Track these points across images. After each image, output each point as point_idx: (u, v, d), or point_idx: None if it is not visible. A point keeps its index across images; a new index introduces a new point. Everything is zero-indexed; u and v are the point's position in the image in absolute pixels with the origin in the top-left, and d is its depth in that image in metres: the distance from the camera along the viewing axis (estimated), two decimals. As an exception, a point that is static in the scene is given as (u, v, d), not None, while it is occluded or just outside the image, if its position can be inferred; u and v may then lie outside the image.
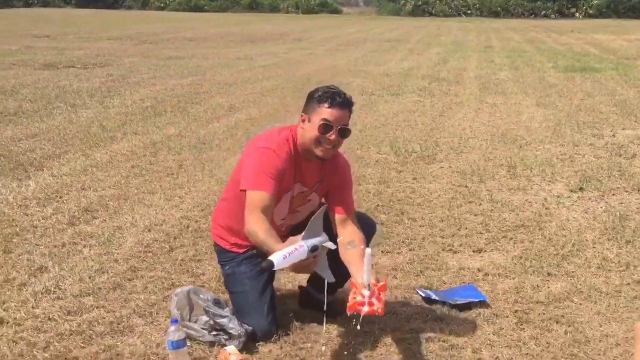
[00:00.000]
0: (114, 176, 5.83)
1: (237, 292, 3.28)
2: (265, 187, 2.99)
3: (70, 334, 3.11)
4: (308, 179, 3.22)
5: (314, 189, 3.27)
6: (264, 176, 3.01)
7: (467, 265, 4.11)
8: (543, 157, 6.83)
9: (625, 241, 4.53)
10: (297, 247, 2.66)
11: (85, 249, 4.17)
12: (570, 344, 3.16)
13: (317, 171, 3.24)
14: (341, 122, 3.07)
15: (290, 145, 3.14)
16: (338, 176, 3.30)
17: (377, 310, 2.70)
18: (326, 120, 3.03)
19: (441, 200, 5.40)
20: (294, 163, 3.13)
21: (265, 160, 3.05)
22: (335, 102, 3.05)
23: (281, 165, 3.05)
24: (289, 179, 3.12)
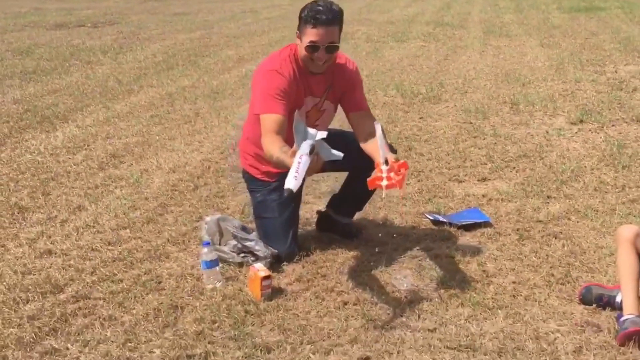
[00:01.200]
0: (135, 125, 6.13)
1: (267, 217, 3.52)
2: (275, 109, 3.17)
3: (113, 260, 3.44)
4: (316, 89, 3.38)
5: (325, 97, 3.42)
6: (272, 99, 3.18)
7: (472, 192, 4.40)
8: (545, 94, 7.05)
9: (622, 166, 4.79)
10: (298, 161, 2.69)
11: (117, 190, 4.49)
12: (567, 255, 3.46)
13: (324, 80, 3.38)
14: (328, 40, 3.18)
15: (292, 62, 3.30)
16: (346, 80, 3.44)
17: (395, 184, 2.81)
18: (312, 42, 3.17)
19: (447, 136, 5.66)
20: (300, 78, 3.30)
21: (271, 82, 3.22)
22: (319, 22, 3.14)
23: (287, 84, 3.22)
24: (299, 94, 3.30)
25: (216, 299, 3.04)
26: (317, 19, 3.15)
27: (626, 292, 2.78)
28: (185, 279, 3.25)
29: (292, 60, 3.31)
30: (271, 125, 3.15)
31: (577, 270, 3.30)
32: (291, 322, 2.87)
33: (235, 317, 2.89)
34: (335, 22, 3.20)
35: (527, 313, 2.92)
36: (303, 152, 2.74)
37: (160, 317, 2.90)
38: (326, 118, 3.53)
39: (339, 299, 3.07)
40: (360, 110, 3.46)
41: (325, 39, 3.19)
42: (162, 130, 5.96)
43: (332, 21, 3.18)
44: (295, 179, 2.65)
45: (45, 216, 4.06)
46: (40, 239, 3.72)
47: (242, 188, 4.45)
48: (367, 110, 3.50)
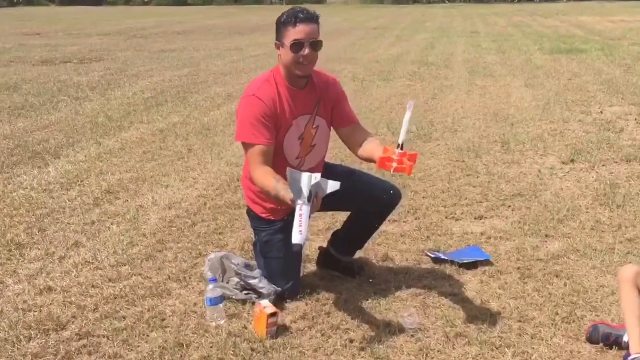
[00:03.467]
0: (128, 161, 6.10)
1: (272, 257, 3.45)
2: (256, 138, 3.13)
3: (114, 297, 3.39)
4: (306, 106, 3.31)
5: (316, 112, 3.35)
6: (252, 127, 3.14)
7: (470, 230, 4.41)
8: (534, 133, 7.14)
9: (616, 205, 4.84)
10: (300, 213, 2.71)
11: (114, 226, 4.45)
12: (569, 294, 3.47)
13: (312, 94, 3.33)
14: (311, 37, 3.14)
15: (274, 82, 3.25)
16: (332, 92, 3.40)
17: (406, 169, 2.81)
18: (296, 40, 3.13)
19: (440, 174, 5.70)
20: (286, 97, 3.25)
21: (250, 109, 3.17)
22: (300, 19, 3.11)
23: (267, 108, 3.16)
24: (285, 116, 3.24)
25: (221, 336, 3.00)
26: (297, 17, 3.13)
27: (631, 332, 2.79)
28: (188, 316, 3.21)
29: (274, 80, 3.27)
30: (256, 157, 3.14)
31: (581, 309, 3.31)
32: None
33: (242, 355, 2.85)
34: (315, 19, 3.20)
35: (535, 352, 2.91)
36: (302, 201, 2.73)
37: (166, 354, 2.85)
38: (322, 136, 3.44)
39: (345, 336, 3.04)
40: (352, 123, 3.46)
41: (309, 35, 3.16)
42: (156, 166, 5.94)
43: (312, 19, 3.16)
44: (301, 233, 2.67)
45: (43, 252, 4.00)
46: (40, 276, 3.66)
47: (240, 225, 4.45)
48: (358, 122, 3.50)
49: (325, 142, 3.50)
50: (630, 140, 6.86)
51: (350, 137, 3.44)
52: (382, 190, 3.55)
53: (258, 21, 29.88)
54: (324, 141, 3.49)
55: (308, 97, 3.34)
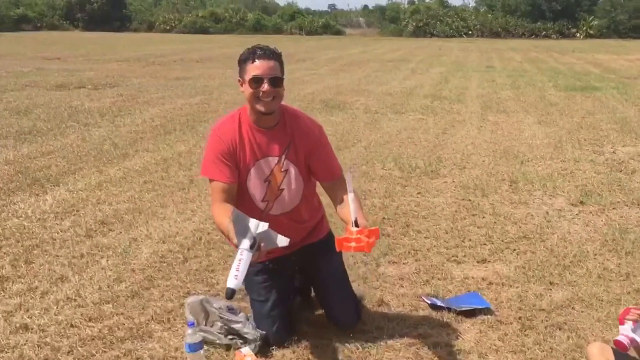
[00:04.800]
0: (127, 191, 6.00)
1: (253, 299, 3.39)
2: (216, 175, 3.10)
3: (92, 339, 3.26)
4: (272, 148, 3.20)
5: (285, 156, 3.21)
6: (212, 164, 3.11)
7: (471, 275, 4.25)
8: (544, 173, 6.97)
9: (625, 252, 4.65)
10: (239, 258, 2.68)
11: (103, 260, 4.32)
12: (572, 349, 3.29)
13: (281, 137, 3.20)
14: (270, 74, 3.05)
15: (237, 121, 3.17)
16: (309, 139, 3.25)
17: (364, 247, 2.70)
18: (255, 75, 3.04)
19: (445, 213, 5.55)
20: (248, 138, 3.15)
21: (211, 145, 3.15)
22: (258, 55, 3.06)
23: (225, 147, 3.10)
24: (246, 156, 3.15)
25: (200, 385, 2.85)
26: (255, 54, 3.08)
27: None
28: (167, 361, 3.07)
29: (239, 118, 3.19)
30: (216, 194, 3.12)
31: (584, 366, 3.13)
32: (279, 415, 2.68)
33: (219, 407, 2.70)
34: (274, 57, 3.12)
35: (532, 413, 2.74)
36: (243, 247, 2.69)
37: (139, 405, 2.70)
38: (292, 182, 3.28)
39: (330, 389, 2.88)
40: (332, 179, 3.31)
41: (268, 72, 3.07)
42: (155, 197, 5.83)
43: (271, 56, 3.10)
44: (236, 278, 2.64)
45: (25, 287, 3.88)
46: (18, 312, 3.54)
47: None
48: (340, 176, 3.33)
49: (297, 189, 3.33)
50: (643, 182, 6.68)
51: (330, 192, 3.32)
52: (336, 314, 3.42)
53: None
54: (296, 188, 3.32)
55: (276, 139, 3.21)
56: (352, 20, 66.34)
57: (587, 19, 51.41)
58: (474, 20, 53.60)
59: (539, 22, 52.34)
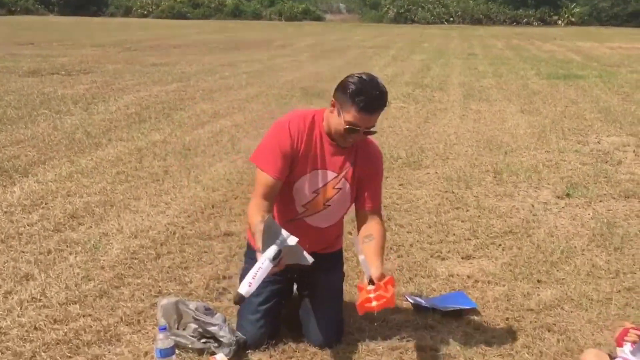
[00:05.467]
0: (99, 182, 5.76)
1: None
2: (269, 169, 2.93)
3: (56, 343, 3.05)
4: (335, 163, 3.06)
5: (344, 175, 3.08)
6: (269, 154, 2.94)
7: (456, 272, 4.10)
8: (529, 164, 6.85)
9: (614, 248, 4.53)
10: (259, 266, 2.61)
11: (71, 256, 4.10)
12: (562, 353, 3.15)
13: (347, 154, 3.07)
14: (368, 125, 2.93)
15: (310, 123, 3.00)
16: (371, 165, 3.14)
17: (389, 302, 2.69)
18: (353, 125, 2.88)
19: (428, 206, 5.39)
20: (315, 144, 3.00)
21: (276, 137, 2.96)
22: (367, 109, 2.86)
23: (289, 145, 2.94)
24: (307, 161, 3.00)
25: (170, 395, 2.66)
26: (368, 106, 2.86)
27: None
28: (136, 368, 2.88)
29: (312, 119, 3.02)
30: (260, 188, 2.96)
31: (575, 372, 2.99)
32: None
33: (190, 420, 2.51)
34: (382, 109, 2.94)
35: None
36: (267, 256, 2.62)
37: (102, 419, 2.51)
38: (340, 200, 3.15)
39: (309, 399, 2.71)
40: (374, 207, 3.16)
41: (368, 124, 2.92)
42: (128, 188, 5.61)
43: (379, 109, 2.92)
44: (250, 286, 2.58)
45: (-13, 286, 3.66)
46: (-22, 315, 3.31)
47: (208, 259, 4.13)
48: (379, 208, 3.20)
49: (342, 209, 3.21)
50: (628, 174, 6.58)
51: (362, 219, 3.17)
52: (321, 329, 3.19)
53: (255, 37, 29.64)
54: (342, 208, 3.21)
55: (342, 154, 3.07)
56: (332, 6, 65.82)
57: (569, 7, 51.45)
58: (455, 6, 53.38)
59: (520, 10, 52.28)
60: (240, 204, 5.28)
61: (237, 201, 5.37)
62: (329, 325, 3.17)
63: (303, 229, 3.03)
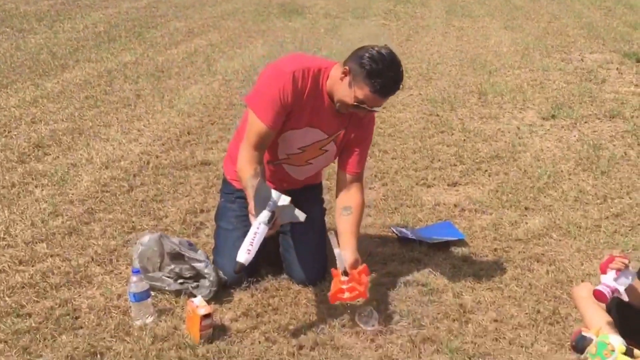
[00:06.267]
0: (66, 108, 5.48)
1: (222, 227, 3.07)
2: (265, 117, 2.70)
3: (22, 286, 2.87)
4: (328, 124, 2.86)
5: (333, 138, 2.90)
6: (268, 103, 2.70)
7: (442, 201, 3.96)
8: (513, 84, 6.66)
9: (601, 172, 4.42)
10: (255, 231, 2.50)
11: (37, 190, 3.89)
12: (552, 285, 3.05)
13: (341, 120, 2.87)
14: (378, 105, 2.75)
15: (314, 80, 2.74)
16: (362, 132, 2.95)
17: (361, 294, 2.63)
18: (362, 102, 2.66)
19: (412, 130, 5.21)
20: (313, 102, 2.77)
21: (277, 84, 2.69)
22: (383, 92, 2.65)
23: (292, 96, 2.69)
24: (302, 116, 2.79)
25: (145, 341, 2.52)
26: (384, 90, 2.64)
27: None
28: (109, 312, 2.71)
29: (317, 76, 2.75)
30: (253, 136, 2.73)
31: (565, 305, 2.89)
32: (235, 375, 2.38)
33: (167, 368, 2.38)
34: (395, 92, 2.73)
35: (514, 364, 2.49)
36: (261, 221, 2.51)
37: (73, 369, 2.36)
38: (323, 160, 3.02)
39: (293, 341, 2.58)
40: (356, 173, 2.97)
41: (378, 105, 2.74)
42: (97, 114, 5.34)
43: (393, 93, 2.73)
44: (248, 253, 2.48)
45: (-54, 224, 3.45)
46: (-64, 257, 3.11)
47: (185, 191, 3.95)
48: (361, 175, 3.01)
49: (322, 166, 3.12)
50: (612, 93, 6.43)
51: (341, 182, 2.98)
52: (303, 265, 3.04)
53: None
54: (323, 165, 3.13)
55: (337, 118, 2.85)
56: None
57: None
58: None
59: None
60: (218, 129, 5.07)
61: (214, 127, 5.14)
62: (311, 262, 3.03)
63: (280, 173, 2.96)
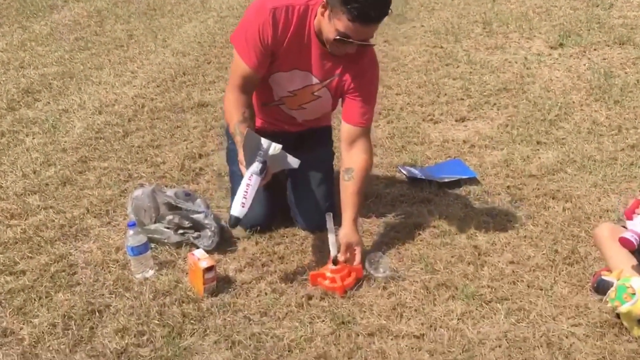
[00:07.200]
0: (56, 51, 5.28)
1: (233, 171, 2.90)
2: (248, 59, 2.54)
3: (15, 242, 2.74)
4: (320, 68, 2.63)
5: (327, 84, 2.67)
6: (250, 44, 2.52)
7: (450, 137, 3.80)
8: (518, 11, 6.42)
9: (614, 101, 4.24)
10: (247, 182, 2.39)
11: (28, 138, 3.73)
12: (569, 223, 2.91)
13: (336, 61, 2.62)
14: (364, 37, 2.43)
15: (300, 18, 2.52)
16: (359, 78, 2.66)
17: (336, 289, 2.46)
18: (343, 35, 2.39)
19: (416, 64, 5.02)
20: (299, 43, 2.55)
21: (257, 22, 2.49)
22: (362, 18, 2.32)
23: (272, 35, 2.49)
24: (287, 58, 2.59)
25: (146, 296, 2.40)
26: (363, 16, 2.32)
27: None
28: (107, 267, 2.59)
29: (304, 13, 2.51)
30: (236, 78, 2.59)
31: (584, 244, 2.76)
32: (241, 329, 2.26)
33: (169, 324, 2.26)
34: (383, 18, 2.40)
35: (533, 308, 2.37)
36: (253, 171, 2.41)
37: (70, 328, 2.24)
38: (317, 106, 2.79)
39: (301, 292, 2.46)
40: (361, 125, 2.69)
41: (362, 36, 2.43)
42: (88, 57, 5.14)
43: (377, 20, 2.39)
44: (243, 206, 2.38)
45: None
46: None
47: (182, 135, 3.79)
48: (367, 131, 2.73)
49: (319, 112, 2.88)
50: (621, 18, 6.18)
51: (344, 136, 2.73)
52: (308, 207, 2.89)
53: None
54: (318, 111, 2.87)
55: (329, 61, 2.61)
56: None
57: None
58: None
59: None
60: (215, 69, 4.88)
61: (210, 66, 4.95)
62: (312, 207, 2.88)
63: (278, 114, 2.83)
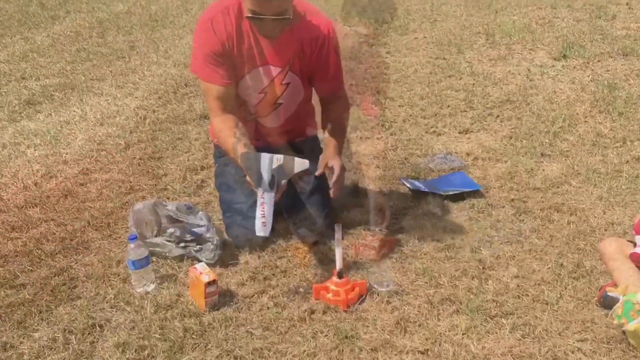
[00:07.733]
0: (57, 62, 5.28)
1: (224, 193, 2.90)
2: (213, 78, 2.53)
3: (15, 255, 2.72)
4: (276, 56, 2.61)
5: (290, 68, 2.66)
6: (204, 64, 2.52)
7: (454, 150, 3.77)
8: (521, 23, 6.41)
9: (618, 113, 4.22)
10: (261, 202, 2.35)
11: (29, 150, 3.72)
12: (574, 237, 2.88)
13: (288, 43, 2.60)
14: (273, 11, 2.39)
15: (237, 17, 2.51)
16: (321, 49, 2.65)
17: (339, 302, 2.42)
18: (253, 13, 2.40)
19: (419, 75, 5.00)
20: (246, 40, 2.54)
21: (202, 40, 2.52)
22: None
23: (220, 46, 2.50)
24: (243, 59, 2.57)
25: (147, 310, 2.37)
26: None
27: None
28: (108, 281, 2.56)
29: (239, 11, 2.51)
30: (213, 102, 2.57)
31: (590, 258, 2.73)
32: (243, 344, 2.23)
33: (170, 338, 2.23)
34: None
35: (539, 323, 2.34)
36: (263, 189, 2.36)
37: (71, 343, 2.21)
38: (292, 95, 2.76)
39: (304, 306, 2.43)
40: (332, 92, 2.76)
41: (272, 11, 2.39)
42: (90, 68, 5.13)
43: None
44: (265, 225, 2.35)
45: None
46: None
47: (184, 147, 3.78)
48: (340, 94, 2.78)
49: (295, 101, 2.82)
50: (624, 29, 6.17)
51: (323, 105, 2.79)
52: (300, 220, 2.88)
53: None
54: (295, 100, 2.81)
55: (282, 44, 2.59)
56: None
57: None
58: None
59: None
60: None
61: (210, 77, 4.93)
62: (316, 216, 2.86)
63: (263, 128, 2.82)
